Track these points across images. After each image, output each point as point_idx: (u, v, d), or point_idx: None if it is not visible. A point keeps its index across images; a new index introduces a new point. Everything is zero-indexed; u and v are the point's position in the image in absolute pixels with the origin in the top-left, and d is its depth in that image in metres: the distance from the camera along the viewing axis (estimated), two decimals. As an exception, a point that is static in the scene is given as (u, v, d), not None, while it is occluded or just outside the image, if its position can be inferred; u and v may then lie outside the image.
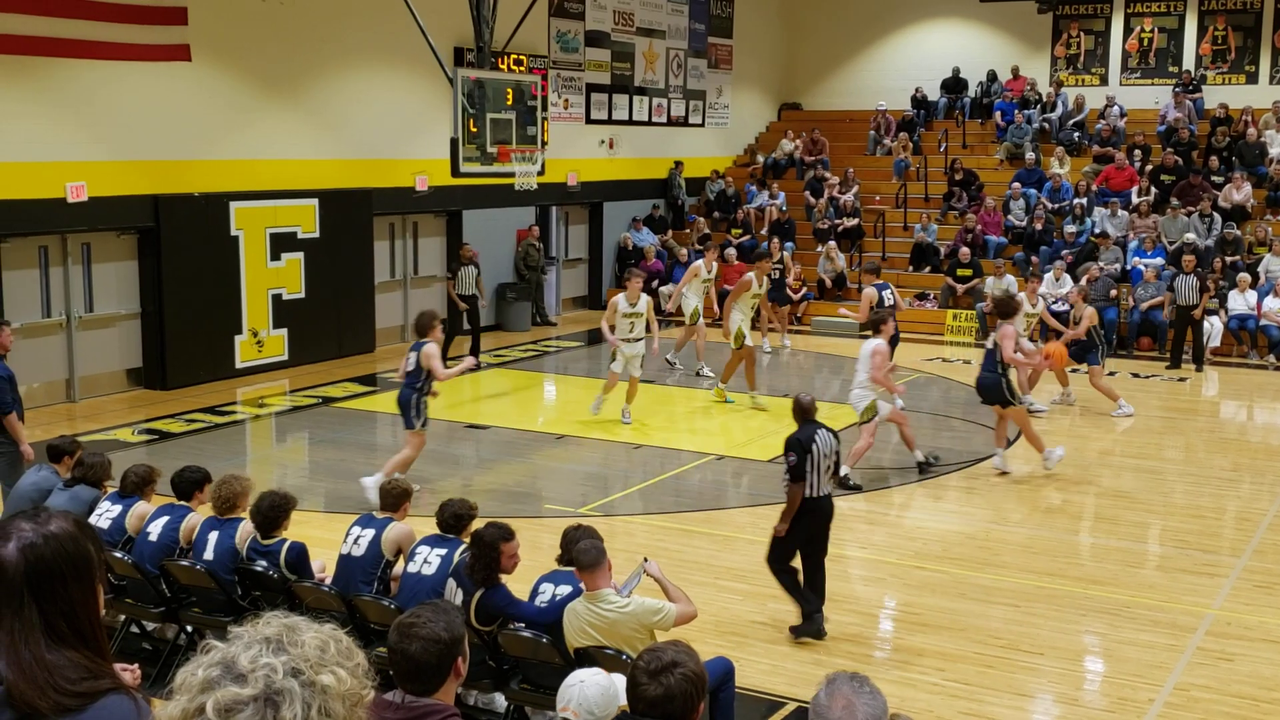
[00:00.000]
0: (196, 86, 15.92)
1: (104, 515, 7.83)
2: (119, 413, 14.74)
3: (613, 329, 13.94)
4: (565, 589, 6.47)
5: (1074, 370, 15.50)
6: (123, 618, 7.80)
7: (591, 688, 4.75)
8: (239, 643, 2.00)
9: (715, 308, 17.56)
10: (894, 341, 14.42)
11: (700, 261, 17.34)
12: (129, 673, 4.04)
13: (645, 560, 6.60)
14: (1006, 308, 12.43)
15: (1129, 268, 20.40)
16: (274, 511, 7.30)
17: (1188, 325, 18.07)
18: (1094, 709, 7.21)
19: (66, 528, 2.33)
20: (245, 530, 7.38)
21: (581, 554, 6.18)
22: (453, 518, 7.04)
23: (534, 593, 6.60)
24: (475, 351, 18.23)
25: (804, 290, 21.85)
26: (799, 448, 7.96)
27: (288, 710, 1.92)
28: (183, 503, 7.84)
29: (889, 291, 14.65)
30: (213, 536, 7.38)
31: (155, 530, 7.62)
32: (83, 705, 2.20)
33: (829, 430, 8.17)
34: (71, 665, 2.23)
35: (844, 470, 11.54)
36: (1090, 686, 7.59)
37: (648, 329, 14.26)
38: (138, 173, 15.41)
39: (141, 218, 15.59)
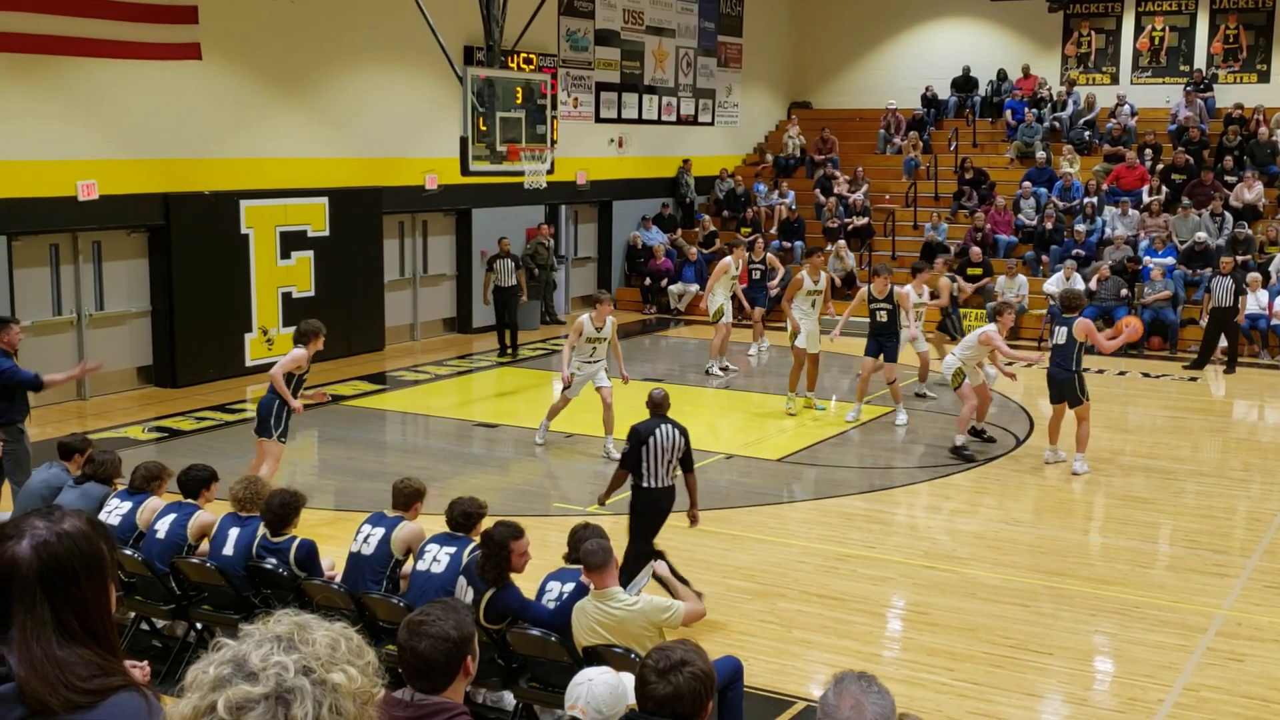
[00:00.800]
0: (207, 85, 15.96)
1: (114, 512, 7.84)
2: (129, 410, 14.78)
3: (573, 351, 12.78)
4: (571, 586, 6.48)
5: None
6: (133, 615, 7.81)
7: (600, 686, 4.75)
8: (250, 641, 2.01)
9: (746, 305, 17.93)
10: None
11: (729, 258, 17.23)
12: (138, 669, 4.05)
13: (654, 560, 6.60)
14: (1072, 300, 12.34)
15: (1139, 267, 20.34)
16: (285, 509, 7.32)
17: (1221, 328, 17.99)
18: (1103, 709, 7.19)
19: (80, 526, 2.33)
20: (262, 530, 7.41)
21: (589, 554, 6.18)
22: (462, 516, 7.05)
23: (541, 591, 6.61)
24: (513, 345, 18.88)
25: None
26: (635, 438, 8.30)
27: (299, 708, 1.93)
28: (189, 501, 7.85)
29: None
30: (233, 532, 7.39)
31: (163, 528, 7.64)
32: (93, 702, 2.20)
33: (675, 426, 8.38)
34: (83, 663, 2.23)
35: (958, 439, 12.82)
36: (1100, 686, 7.57)
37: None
38: (148, 171, 15.44)
39: (152, 216, 15.63)
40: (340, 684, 1.98)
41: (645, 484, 8.29)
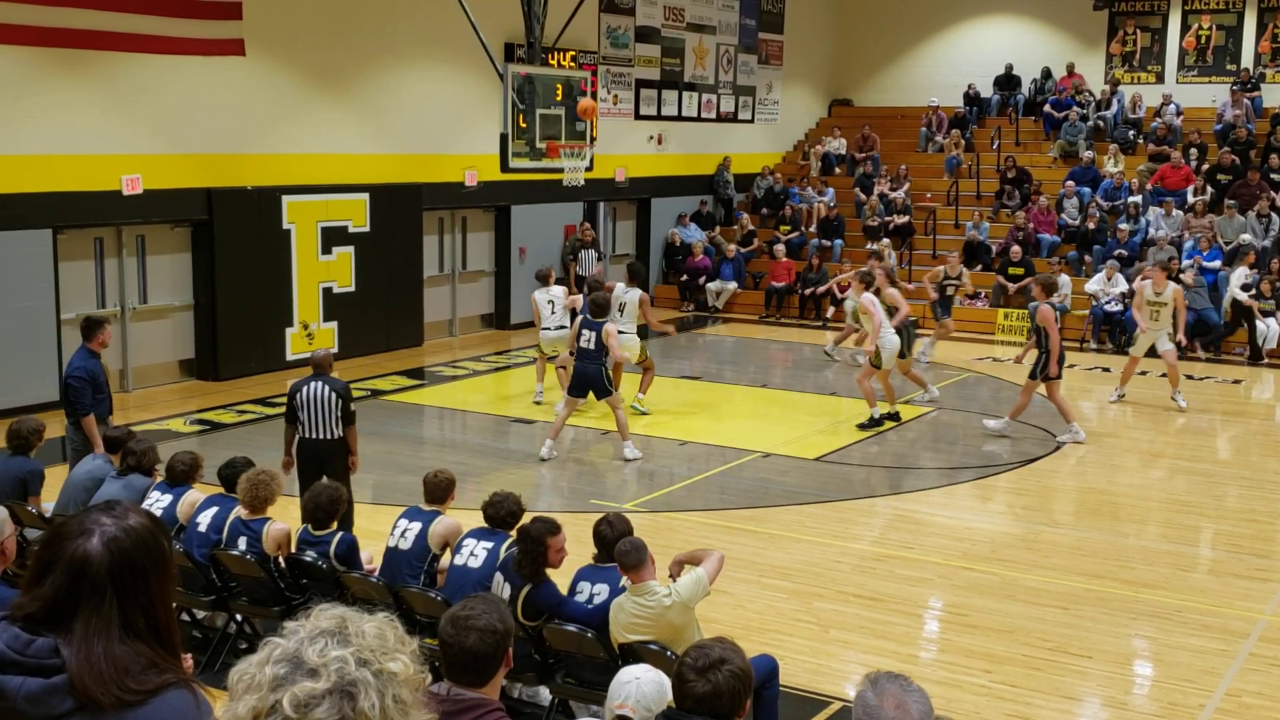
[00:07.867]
0: (250, 81, 16.08)
1: (155, 505, 7.88)
2: (171, 403, 14.92)
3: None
4: (602, 589, 6.46)
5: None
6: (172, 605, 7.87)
7: (648, 684, 4.71)
8: (298, 637, 2.00)
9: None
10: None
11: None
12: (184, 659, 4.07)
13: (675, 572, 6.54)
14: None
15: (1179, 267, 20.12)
16: (331, 506, 7.35)
17: None
18: (1143, 713, 7.13)
19: (144, 522, 2.34)
20: (272, 533, 7.38)
21: (623, 554, 6.15)
22: (509, 515, 7.03)
23: (572, 589, 6.60)
24: None
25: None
26: (290, 393, 9.39)
27: (364, 700, 1.93)
28: (233, 495, 7.87)
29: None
30: (241, 542, 7.40)
31: (205, 521, 7.67)
32: (144, 700, 2.21)
33: (326, 383, 9.27)
34: (139, 661, 2.23)
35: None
36: (1140, 691, 7.51)
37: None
38: (192, 166, 15.58)
39: (195, 210, 15.77)
40: (398, 672, 1.99)
41: (302, 435, 9.29)
